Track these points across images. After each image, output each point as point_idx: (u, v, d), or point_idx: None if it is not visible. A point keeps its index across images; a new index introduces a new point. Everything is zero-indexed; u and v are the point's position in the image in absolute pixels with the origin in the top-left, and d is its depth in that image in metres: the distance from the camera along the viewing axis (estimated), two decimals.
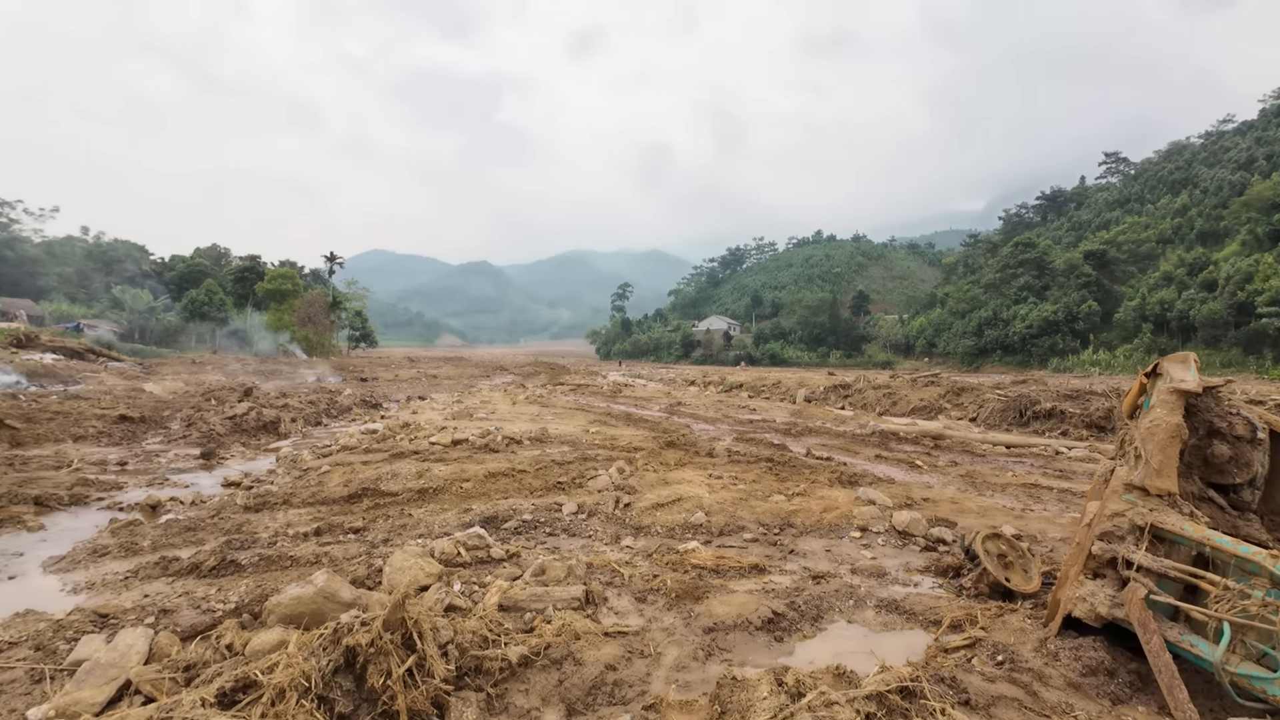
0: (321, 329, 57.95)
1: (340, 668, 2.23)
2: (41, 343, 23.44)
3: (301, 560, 3.78)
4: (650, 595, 3.43)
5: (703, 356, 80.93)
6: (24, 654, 2.72)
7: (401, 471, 5.97)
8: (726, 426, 12.05)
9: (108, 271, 62.67)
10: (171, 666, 2.33)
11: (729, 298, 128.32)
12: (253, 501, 5.31)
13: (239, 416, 9.14)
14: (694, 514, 5.06)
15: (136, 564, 3.88)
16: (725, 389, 23.61)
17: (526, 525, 4.77)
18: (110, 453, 7.47)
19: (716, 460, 7.59)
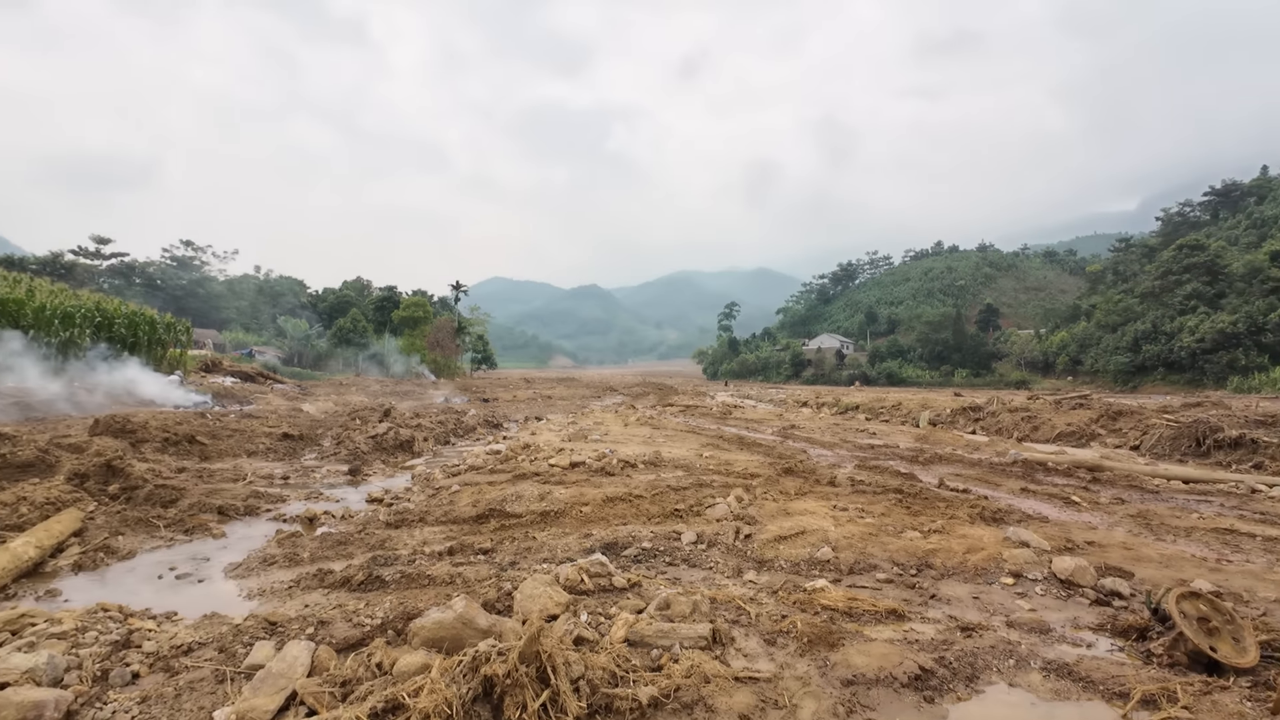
0: (448, 352, 62.37)
1: (479, 697, 2.28)
2: (223, 367, 27.08)
3: (438, 579, 3.97)
4: (779, 638, 3.25)
5: (814, 376, 78.15)
6: (210, 655, 3.03)
7: (525, 493, 6.17)
8: (846, 452, 11.45)
9: (273, 304, 71.51)
10: (330, 681, 2.49)
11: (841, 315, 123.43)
12: (393, 518, 5.70)
13: (380, 435, 9.94)
14: (819, 548, 4.79)
15: (298, 574, 4.26)
16: (840, 411, 22.56)
17: (646, 553, 4.73)
18: (276, 467, 8.38)
19: (839, 490, 7.19)
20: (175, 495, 5.93)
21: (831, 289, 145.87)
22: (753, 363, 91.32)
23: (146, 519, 5.36)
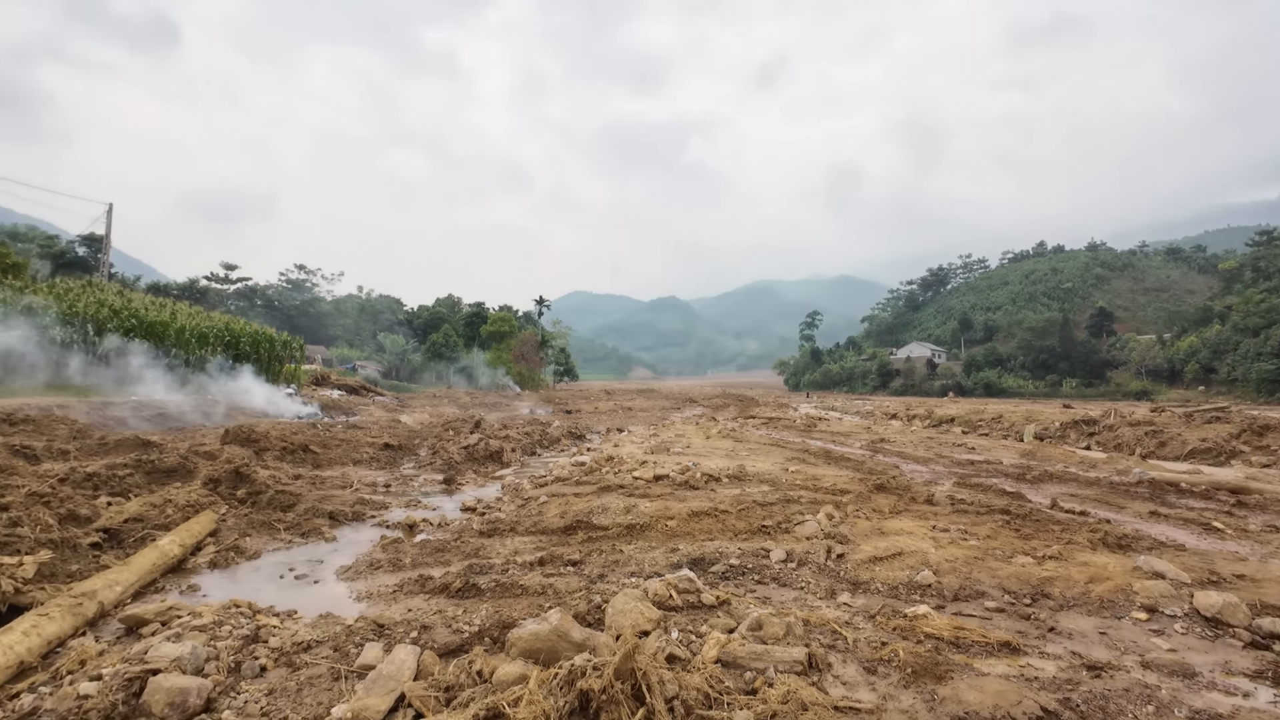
0: (532, 365, 64.42)
1: (575, 710, 2.30)
2: (331, 381, 29.25)
3: (530, 590, 4.07)
4: (880, 666, 3.09)
5: (903, 387, 74.50)
6: (326, 653, 3.24)
7: (610, 506, 6.23)
8: (942, 468, 10.81)
9: (374, 321, 76.65)
10: (435, 685, 2.60)
11: (931, 322, 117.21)
12: (486, 527, 5.92)
13: (471, 446, 10.37)
14: (919, 571, 4.53)
15: (401, 579, 4.50)
16: (933, 423, 21.36)
17: (734, 570, 4.65)
18: (378, 475, 8.92)
19: (938, 508, 6.79)
20: (292, 500, 6.44)
21: (920, 295, 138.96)
22: (837, 373, 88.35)
23: (269, 522, 5.84)
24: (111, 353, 19.11)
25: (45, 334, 17.92)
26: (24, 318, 17.56)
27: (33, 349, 17.18)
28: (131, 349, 19.55)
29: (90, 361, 18.61)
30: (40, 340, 17.57)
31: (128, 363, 19.15)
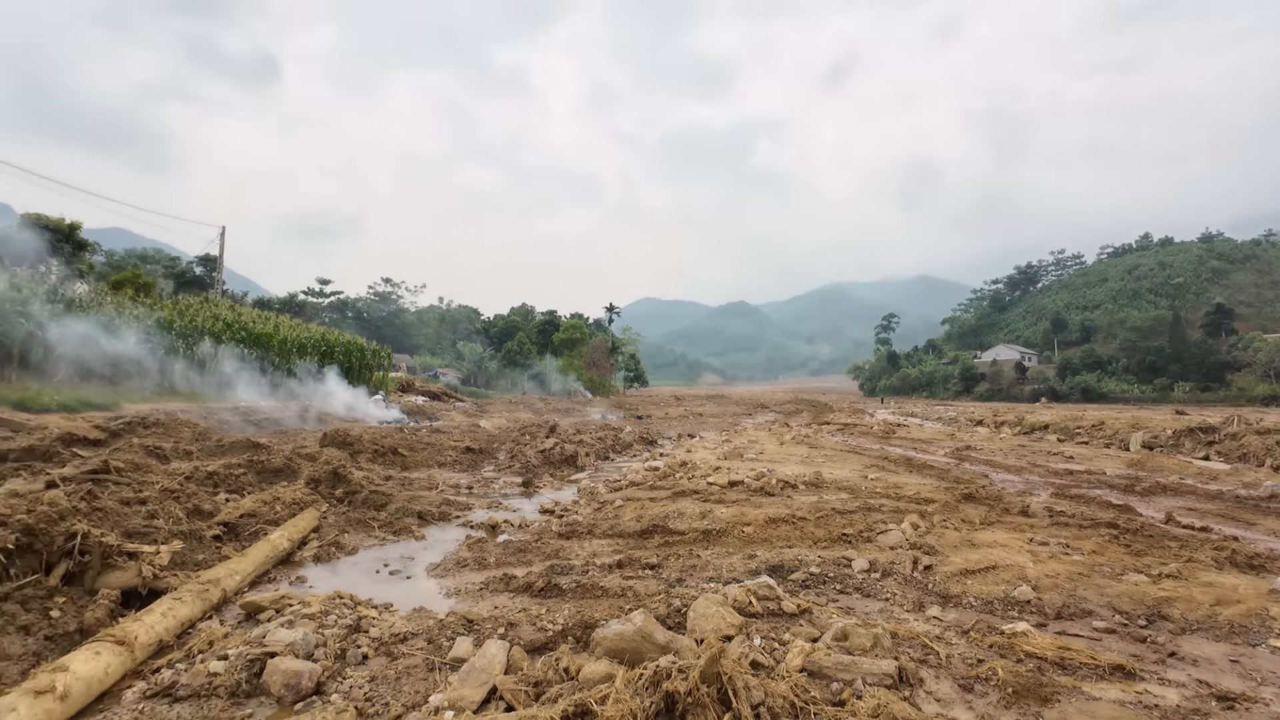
0: (603, 371, 65.31)
1: (661, 711, 2.32)
2: (415, 388, 30.77)
3: (610, 591, 4.13)
4: (976, 684, 2.94)
5: (989, 392, 70.33)
6: (421, 645, 3.42)
7: (686, 511, 6.24)
8: (1037, 478, 10.15)
9: (453, 330, 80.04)
10: (524, 680, 2.69)
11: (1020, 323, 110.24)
12: (564, 529, 6.05)
13: (547, 450, 10.64)
14: (1015, 586, 4.27)
15: (486, 577, 4.67)
16: (1025, 431, 20.05)
17: (814, 579, 4.54)
18: (461, 478, 9.30)
19: (1034, 520, 6.38)
20: (384, 500, 6.82)
21: (1007, 295, 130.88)
22: (915, 378, 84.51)
23: (364, 520, 6.21)
24: (224, 362, 20.89)
25: (170, 345, 19.82)
26: (153, 331, 19.49)
27: (160, 359, 19.04)
28: (238, 358, 21.32)
29: (208, 370, 20.41)
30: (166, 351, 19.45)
31: (235, 371, 20.89)
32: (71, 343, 16.57)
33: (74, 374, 16.65)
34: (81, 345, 16.73)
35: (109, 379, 17.38)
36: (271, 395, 19.97)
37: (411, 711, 2.70)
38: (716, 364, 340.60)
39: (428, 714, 2.61)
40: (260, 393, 20.06)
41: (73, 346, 16.61)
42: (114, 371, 17.62)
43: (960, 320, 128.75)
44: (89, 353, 16.92)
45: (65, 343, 16.50)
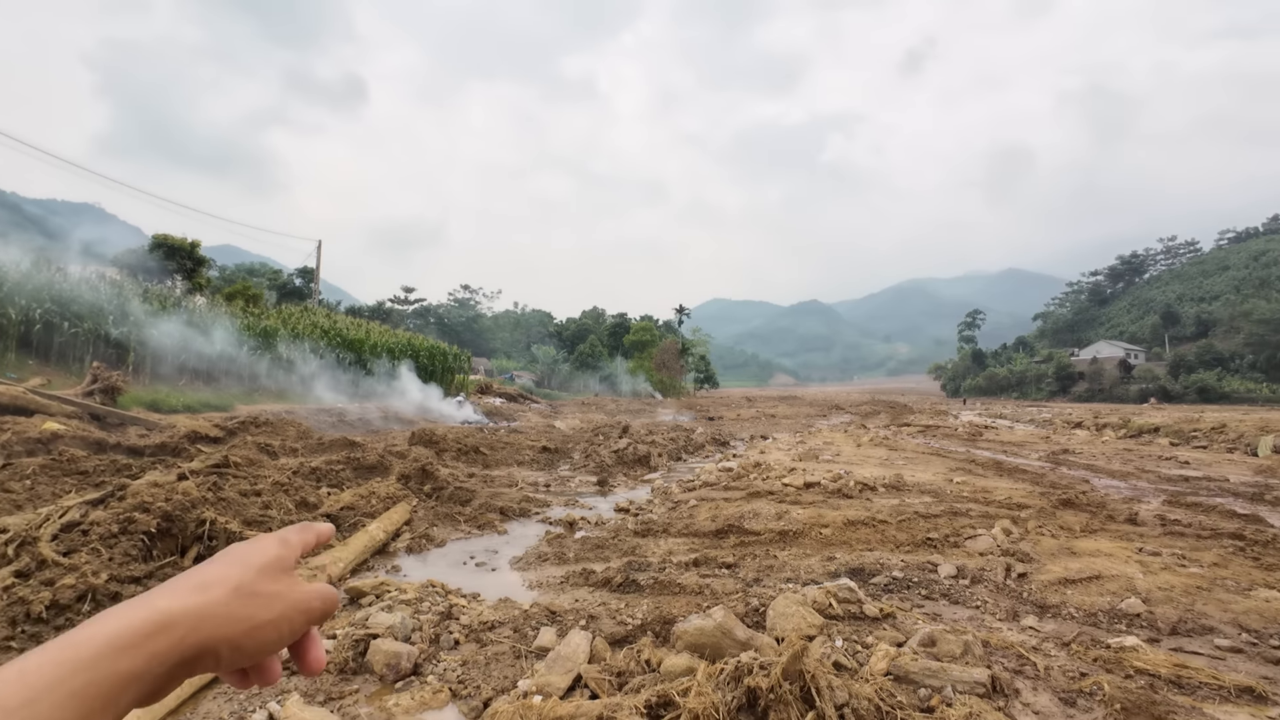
0: (673, 373, 65.41)
1: (743, 706, 2.34)
2: (493, 390, 31.96)
3: (688, 589, 4.17)
4: (1079, 698, 2.78)
5: (1088, 392, 65.27)
6: (507, 633, 3.58)
7: (761, 511, 6.18)
8: (1146, 484, 9.36)
9: (527, 334, 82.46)
10: (607, 670, 2.77)
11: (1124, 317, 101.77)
12: (640, 527, 6.14)
13: (621, 450, 10.79)
14: (1123, 598, 3.99)
15: (566, 571, 4.82)
16: (1131, 433, 18.50)
17: (897, 583, 4.41)
18: (538, 476, 9.59)
19: (1144, 529, 5.91)
20: (469, 496, 7.14)
21: (1108, 287, 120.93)
22: (1004, 378, 79.56)
23: (451, 514, 6.54)
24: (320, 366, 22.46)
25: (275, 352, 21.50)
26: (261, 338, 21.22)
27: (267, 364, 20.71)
28: (333, 363, 22.87)
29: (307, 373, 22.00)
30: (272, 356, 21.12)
31: (331, 374, 22.39)
32: (193, 350, 18.30)
33: (195, 378, 18.38)
34: (201, 352, 18.46)
35: (222, 382, 19.07)
36: (362, 397, 21.28)
37: (501, 695, 2.84)
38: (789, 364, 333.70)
39: (517, 698, 2.74)
40: (352, 394, 21.43)
41: (194, 353, 18.35)
42: (227, 375, 19.31)
43: (1054, 315, 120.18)
44: (206, 358, 18.64)
45: (188, 350, 18.24)
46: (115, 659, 0.34)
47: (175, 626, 0.37)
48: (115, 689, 0.34)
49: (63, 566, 3.48)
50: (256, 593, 0.43)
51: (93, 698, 0.32)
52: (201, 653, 0.39)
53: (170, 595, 0.39)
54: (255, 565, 0.44)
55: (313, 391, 20.87)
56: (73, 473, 6.27)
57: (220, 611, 0.40)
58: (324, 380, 21.71)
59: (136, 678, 0.35)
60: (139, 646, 0.35)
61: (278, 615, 0.43)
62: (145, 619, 0.37)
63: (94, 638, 0.34)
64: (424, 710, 2.82)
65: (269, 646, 0.43)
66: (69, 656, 0.33)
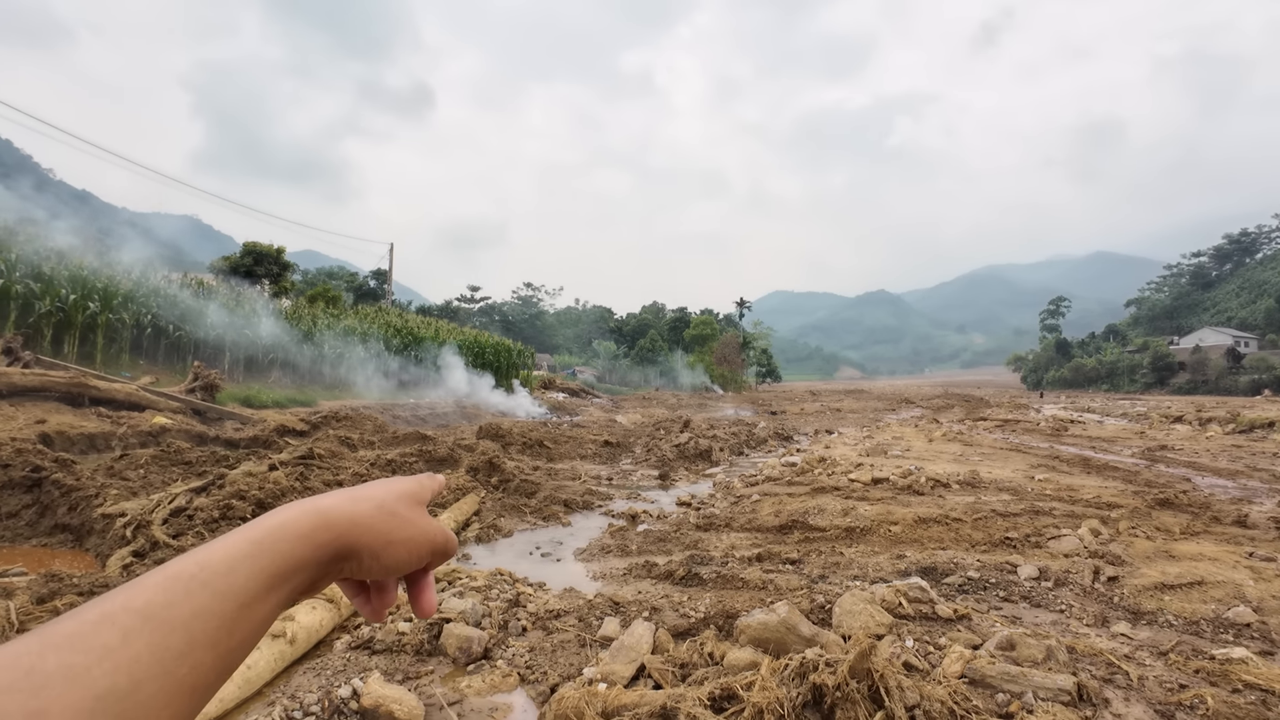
0: (734, 367, 64.76)
1: (808, 703, 2.31)
2: (556, 385, 32.61)
3: (751, 584, 4.14)
4: (1178, 712, 2.58)
5: (1190, 384, 60.14)
6: (572, 622, 3.66)
7: (827, 507, 6.05)
8: (1258, 484, 8.57)
9: (589, 329, 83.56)
10: (671, 661, 2.79)
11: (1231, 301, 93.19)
12: (702, 521, 6.13)
13: (682, 445, 10.80)
14: (1230, 606, 3.67)
15: (629, 564, 4.87)
16: (1241, 429, 16.93)
17: (973, 584, 4.22)
18: (601, 469, 9.72)
19: (1255, 533, 5.42)
20: (534, 489, 7.33)
21: (1213, 269, 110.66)
22: (1091, 369, 74.36)
23: (517, 506, 6.73)
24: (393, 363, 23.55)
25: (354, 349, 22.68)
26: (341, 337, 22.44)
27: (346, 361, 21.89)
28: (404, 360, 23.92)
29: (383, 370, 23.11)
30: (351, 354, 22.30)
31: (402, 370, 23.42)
32: (280, 349, 19.56)
33: (282, 375, 19.64)
34: (287, 351, 19.71)
35: (306, 379, 20.29)
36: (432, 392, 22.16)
37: (567, 681, 2.91)
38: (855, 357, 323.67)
39: (582, 685, 2.80)
40: (422, 390, 22.34)
41: (281, 352, 19.61)
42: (310, 372, 20.54)
43: (1150, 301, 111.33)
44: (294, 356, 19.89)
45: (276, 349, 19.51)
46: (291, 544, 0.41)
47: (334, 525, 0.44)
48: (289, 570, 0.41)
49: (172, 548, 3.81)
50: (396, 512, 0.49)
51: (273, 574, 0.40)
52: (350, 553, 0.46)
53: (330, 500, 0.46)
54: (396, 491, 0.51)
55: (386, 387, 21.90)
56: (179, 463, 6.84)
57: (367, 521, 0.47)
58: (396, 376, 22.73)
59: (304, 565, 0.42)
60: (307, 537, 0.43)
61: (409, 537, 0.49)
62: (312, 516, 0.44)
63: (271, 527, 0.42)
64: (494, 693, 2.92)
65: (400, 564, 0.49)
66: (254, 538, 0.40)
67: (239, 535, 0.40)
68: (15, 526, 5.18)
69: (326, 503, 0.46)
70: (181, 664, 0.33)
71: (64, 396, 9.51)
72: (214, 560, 0.37)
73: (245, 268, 28.22)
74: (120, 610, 0.32)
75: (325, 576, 0.45)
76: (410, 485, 0.53)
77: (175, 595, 0.34)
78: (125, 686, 0.30)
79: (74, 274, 14.77)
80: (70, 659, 0.29)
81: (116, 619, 0.32)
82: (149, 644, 0.32)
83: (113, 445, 8.02)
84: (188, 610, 0.34)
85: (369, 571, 0.48)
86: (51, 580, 3.41)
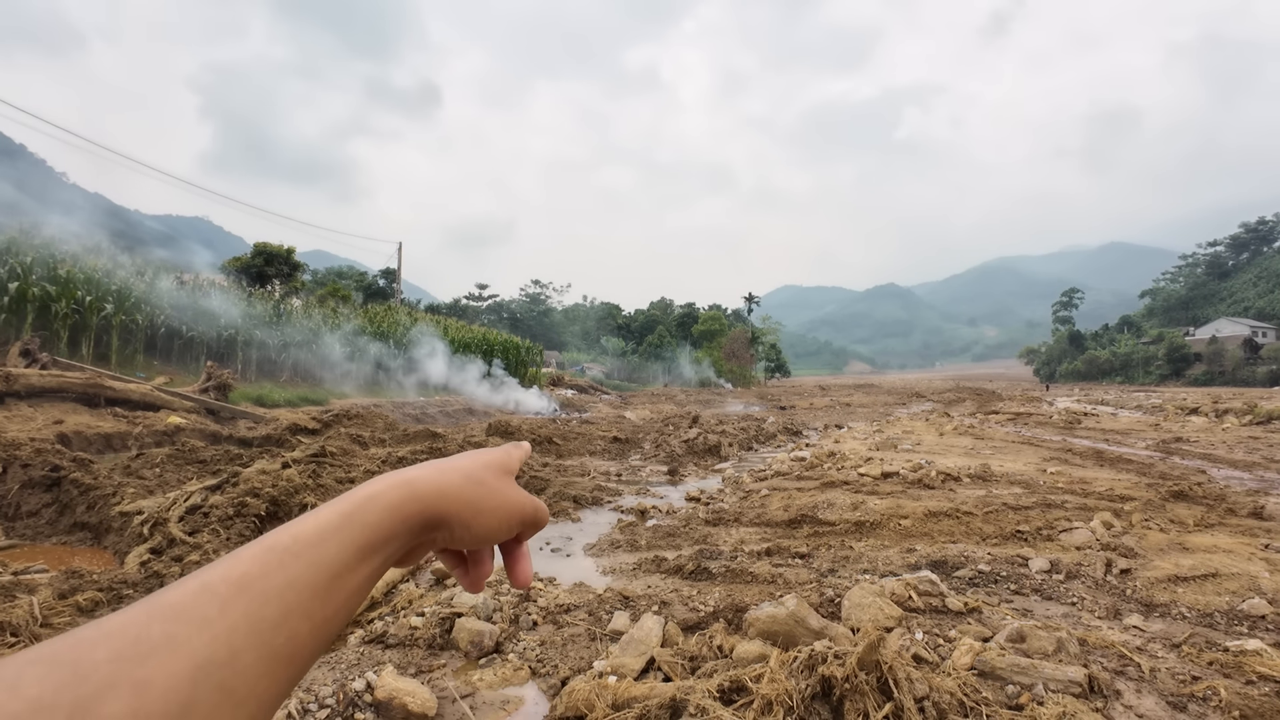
0: (743, 362, 64.64)
1: (817, 695, 2.32)
2: (565, 382, 32.72)
3: (760, 578, 4.15)
4: (1191, 704, 2.57)
5: (1206, 375, 59.40)
6: (582, 616, 3.68)
7: (836, 501, 6.04)
8: (1276, 475, 8.47)
9: (597, 326, 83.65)
10: (680, 654, 2.81)
11: (1249, 291, 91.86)
12: (711, 517, 6.14)
13: (691, 440, 10.80)
14: (1244, 599, 3.64)
15: (638, 558, 4.89)
16: (1259, 420, 16.72)
17: (983, 577, 4.20)
18: (610, 465, 9.75)
19: (1271, 524, 5.36)
20: (543, 485, 7.37)
21: (1230, 258, 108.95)
22: (1105, 361, 73.58)
23: None
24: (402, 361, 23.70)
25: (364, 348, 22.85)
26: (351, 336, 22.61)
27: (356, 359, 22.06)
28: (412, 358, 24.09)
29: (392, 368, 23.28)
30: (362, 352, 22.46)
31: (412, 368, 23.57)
32: (291, 348, 19.73)
33: (294, 375, 19.82)
34: (298, 350, 19.88)
35: (317, 378, 20.47)
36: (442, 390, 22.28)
37: (577, 675, 2.94)
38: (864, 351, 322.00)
39: (592, 678, 2.82)
40: (433, 388, 22.48)
41: (292, 351, 19.78)
42: (321, 371, 20.72)
43: (1165, 292, 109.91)
44: (304, 356, 20.06)
45: (287, 349, 19.68)
46: (379, 515, 0.42)
47: (423, 497, 0.45)
48: (379, 541, 0.42)
49: (188, 544, 3.87)
50: (484, 481, 0.49)
51: (363, 545, 0.40)
52: (440, 522, 0.46)
53: (418, 472, 0.47)
54: (482, 461, 0.52)
55: (397, 385, 22.05)
56: (193, 461, 6.93)
57: (454, 491, 0.47)
58: (406, 374, 22.87)
59: (394, 535, 0.43)
60: (396, 508, 0.43)
61: (498, 505, 0.50)
62: (400, 487, 0.44)
63: (361, 500, 0.42)
64: (506, 686, 2.95)
65: (490, 533, 0.50)
66: (344, 510, 0.41)
67: (330, 508, 0.41)
68: (36, 525, 5.28)
69: (414, 473, 0.46)
70: (278, 633, 0.34)
71: (80, 397, 9.66)
72: (306, 532, 0.38)
73: (256, 268, 28.47)
74: (219, 581, 0.33)
75: (419, 547, 0.46)
76: (498, 456, 0.53)
77: (270, 566, 0.35)
78: (224, 655, 0.31)
79: (89, 276, 14.97)
80: (173, 629, 0.30)
81: (215, 589, 0.33)
82: (245, 613, 0.33)
83: (129, 445, 8.14)
84: (282, 580, 0.35)
85: (460, 541, 0.48)
86: (72, 577, 3.48)
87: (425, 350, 24.70)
